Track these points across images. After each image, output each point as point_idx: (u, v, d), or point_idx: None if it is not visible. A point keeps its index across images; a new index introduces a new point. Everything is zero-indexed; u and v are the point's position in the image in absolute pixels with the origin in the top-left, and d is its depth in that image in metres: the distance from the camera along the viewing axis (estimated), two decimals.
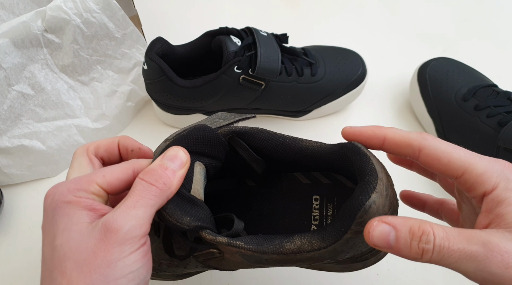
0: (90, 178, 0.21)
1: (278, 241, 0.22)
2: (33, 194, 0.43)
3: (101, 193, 0.21)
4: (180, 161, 0.22)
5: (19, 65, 0.39)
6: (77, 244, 0.19)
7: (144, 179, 0.21)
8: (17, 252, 0.39)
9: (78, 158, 0.24)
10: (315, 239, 0.21)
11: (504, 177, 0.19)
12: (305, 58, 0.45)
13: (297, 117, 0.48)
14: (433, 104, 0.46)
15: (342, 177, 0.28)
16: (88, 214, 0.20)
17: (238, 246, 0.22)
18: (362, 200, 0.20)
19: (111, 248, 0.19)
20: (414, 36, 0.59)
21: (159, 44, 0.41)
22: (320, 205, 0.28)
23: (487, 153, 0.41)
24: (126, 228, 0.19)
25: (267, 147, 0.26)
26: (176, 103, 0.43)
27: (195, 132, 0.24)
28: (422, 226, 0.19)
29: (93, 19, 0.41)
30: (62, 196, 0.20)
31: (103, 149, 0.25)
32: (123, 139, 0.26)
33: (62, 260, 0.19)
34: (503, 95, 0.42)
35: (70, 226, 0.19)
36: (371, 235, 0.19)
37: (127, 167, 0.22)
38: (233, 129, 0.26)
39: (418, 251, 0.18)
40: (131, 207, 0.20)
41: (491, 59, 0.56)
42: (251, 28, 0.42)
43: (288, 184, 0.29)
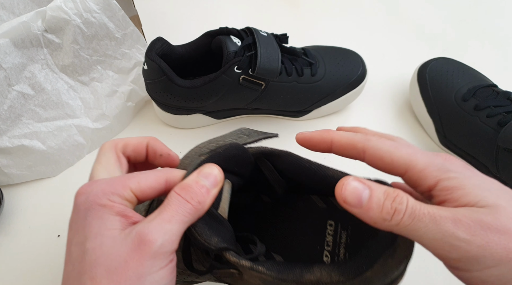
0: (125, 183, 0.21)
1: (298, 271, 0.22)
2: (33, 194, 0.43)
3: (133, 199, 0.21)
4: (215, 180, 0.22)
5: (19, 65, 0.39)
6: (109, 251, 0.19)
7: (181, 195, 0.21)
8: (17, 252, 0.39)
9: (107, 153, 0.23)
10: (334, 273, 0.21)
11: (445, 169, 0.19)
12: (305, 58, 0.45)
13: (297, 117, 0.49)
14: (433, 104, 0.46)
15: None
16: (121, 220, 0.20)
17: (260, 271, 0.22)
18: (387, 243, 0.20)
19: (143, 261, 0.18)
20: (414, 36, 0.60)
21: (159, 44, 0.41)
22: (334, 231, 0.28)
23: (487, 153, 0.41)
24: (160, 241, 0.19)
25: (292, 170, 0.26)
26: (176, 103, 0.43)
27: (230, 151, 0.24)
28: (397, 190, 0.19)
29: (93, 19, 0.41)
30: (96, 198, 0.20)
31: (132, 148, 0.25)
32: (153, 141, 0.25)
33: (93, 265, 0.18)
34: (503, 95, 0.42)
35: (104, 231, 0.19)
36: (344, 188, 0.19)
37: (160, 176, 0.22)
38: (262, 150, 0.26)
39: (389, 210, 0.18)
40: (167, 221, 0.19)
41: (491, 59, 0.56)
42: (251, 28, 0.42)
43: (304, 206, 0.29)
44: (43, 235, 0.40)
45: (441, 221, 0.17)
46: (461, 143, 0.44)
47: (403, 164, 0.20)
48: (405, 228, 0.18)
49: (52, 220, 0.41)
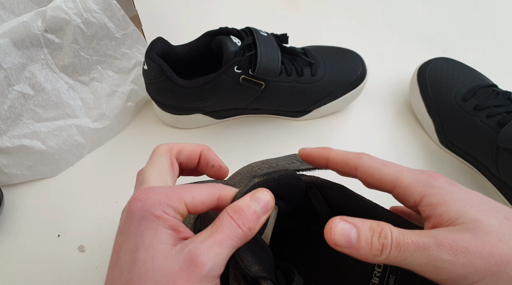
0: (181, 196, 0.21)
1: None
2: (33, 194, 0.43)
3: (185, 213, 0.21)
4: (266, 207, 0.22)
5: (19, 65, 0.39)
6: (160, 266, 0.19)
7: (234, 218, 0.21)
8: (17, 252, 0.39)
9: (161, 158, 0.23)
10: None
11: (429, 185, 0.21)
12: (305, 58, 0.45)
13: (297, 117, 0.49)
14: (433, 104, 0.46)
15: None
16: (172, 234, 0.20)
17: None
18: None
19: (192, 282, 0.18)
20: (414, 36, 0.60)
21: (159, 44, 0.41)
22: (382, 274, 0.27)
23: (487, 153, 0.41)
24: (210, 265, 0.19)
25: (344, 206, 0.25)
26: (176, 103, 0.43)
27: (285, 179, 0.24)
28: (380, 224, 0.20)
29: (93, 19, 0.41)
30: (152, 208, 0.20)
31: (185, 155, 0.25)
32: (206, 150, 0.26)
33: (142, 278, 0.18)
34: (503, 95, 0.42)
35: (156, 244, 0.19)
36: (333, 232, 0.20)
37: (214, 193, 0.22)
38: (314, 180, 0.25)
39: (378, 247, 0.19)
40: (218, 244, 0.19)
41: (491, 59, 0.56)
42: (251, 28, 0.42)
43: None
44: (43, 235, 0.40)
45: (425, 247, 0.18)
46: (461, 143, 0.44)
47: (391, 181, 0.22)
48: (394, 259, 0.19)
49: (52, 220, 0.41)
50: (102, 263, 0.38)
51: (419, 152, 0.47)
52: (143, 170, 0.23)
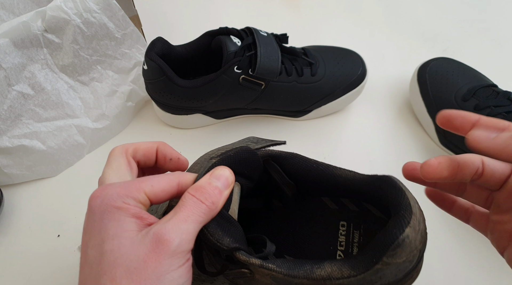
0: (139, 186, 0.21)
1: (309, 267, 0.22)
2: (33, 194, 0.43)
3: (147, 202, 0.21)
4: (226, 182, 0.23)
5: (19, 65, 0.39)
6: (128, 252, 0.19)
7: (195, 196, 0.21)
8: (17, 252, 0.39)
9: (117, 158, 0.24)
10: (345, 267, 0.22)
11: None
12: (305, 58, 0.45)
13: (297, 117, 0.49)
14: (433, 104, 0.46)
15: (370, 206, 0.28)
16: (137, 222, 0.20)
17: (270, 268, 0.22)
18: (396, 233, 0.21)
19: (162, 260, 0.19)
20: (414, 36, 0.59)
21: (159, 44, 0.41)
22: (346, 232, 0.28)
23: None
24: (178, 241, 0.19)
25: (300, 172, 0.26)
26: (176, 103, 0.43)
27: (240, 154, 0.25)
28: None
29: (93, 19, 0.41)
30: (112, 200, 0.20)
31: (142, 153, 0.25)
32: (162, 146, 0.26)
33: (112, 266, 0.19)
34: (503, 95, 0.42)
35: (121, 233, 0.19)
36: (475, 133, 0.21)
37: (173, 180, 0.22)
38: (269, 153, 0.26)
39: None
40: (183, 221, 0.20)
41: (491, 59, 0.56)
42: (251, 28, 0.42)
43: (315, 208, 0.30)
44: (43, 235, 0.40)
45: None
46: (461, 143, 0.44)
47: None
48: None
49: (52, 220, 0.41)
50: None
51: (419, 152, 0.47)
52: (101, 175, 0.24)
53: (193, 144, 0.47)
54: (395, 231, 0.21)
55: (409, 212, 0.21)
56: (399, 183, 0.23)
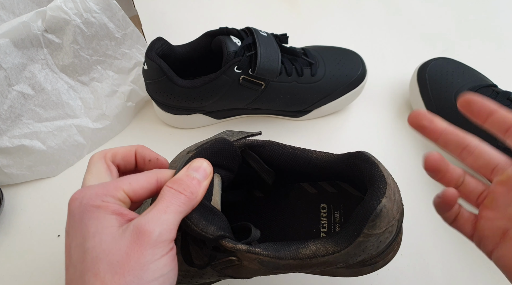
0: (117, 185, 0.21)
1: (294, 247, 0.23)
2: (33, 194, 0.43)
3: (126, 200, 0.21)
4: (204, 172, 0.23)
5: (19, 65, 0.39)
6: (109, 247, 0.19)
7: (173, 187, 0.21)
8: (17, 252, 0.39)
9: (96, 164, 0.24)
10: (329, 244, 0.23)
11: None
12: (305, 58, 0.45)
13: (297, 117, 0.49)
14: (433, 104, 0.46)
15: (347, 185, 0.29)
16: (117, 218, 0.20)
17: (257, 252, 0.23)
18: (373, 204, 0.22)
19: (143, 250, 0.19)
20: (414, 36, 0.60)
21: (159, 44, 0.41)
22: (327, 213, 0.29)
23: None
24: (158, 231, 0.19)
25: (278, 158, 0.27)
26: (176, 103, 0.43)
27: (216, 145, 0.25)
28: None
29: (93, 19, 0.41)
30: (90, 200, 0.20)
31: (120, 157, 0.25)
32: (140, 148, 0.26)
33: (95, 262, 0.19)
34: (503, 95, 0.42)
35: (101, 229, 0.19)
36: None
37: (151, 176, 0.23)
38: (246, 142, 0.27)
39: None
40: (162, 212, 0.20)
41: (491, 59, 0.56)
42: (251, 28, 0.42)
43: (296, 194, 0.30)
44: (43, 235, 0.40)
45: None
46: None
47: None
48: None
49: (52, 220, 0.41)
50: None
51: (419, 152, 0.47)
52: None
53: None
54: (372, 202, 0.22)
55: (384, 183, 0.22)
56: (371, 157, 0.24)
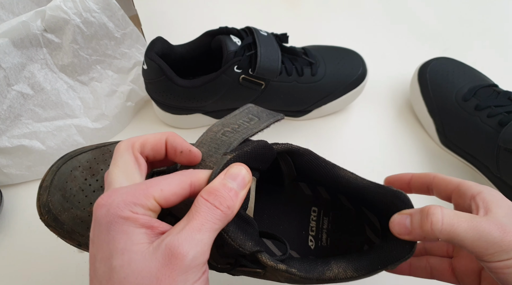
0: (148, 192, 0.19)
1: (320, 268, 0.24)
2: (33, 194, 0.43)
3: (157, 208, 0.20)
4: (243, 182, 0.21)
5: (18, 65, 0.39)
6: (139, 268, 0.18)
7: (209, 200, 0.20)
8: (17, 252, 0.39)
9: (124, 155, 0.22)
10: (349, 269, 0.24)
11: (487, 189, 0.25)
12: (305, 58, 0.45)
13: (297, 117, 0.48)
14: (433, 104, 0.46)
15: (343, 198, 0.30)
16: (147, 232, 0.19)
17: (293, 273, 0.23)
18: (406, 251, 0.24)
19: (175, 276, 0.17)
20: (414, 36, 0.59)
21: (158, 43, 0.41)
22: (317, 217, 0.30)
23: (488, 153, 0.41)
24: (192, 254, 0.18)
25: (309, 168, 0.27)
26: (176, 103, 0.43)
27: (257, 150, 0.23)
28: (427, 206, 0.23)
29: (92, 18, 0.40)
30: (118, 210, 0.18)
31: (150, 147, 0.23)
32: (172, 137, 0.23)
33: (123, 284, 0.18)
34: (504, 95, 0.42)
35: (130, 246, 0.18)
36: (392, 225, 0.24)
37: (184, 181, 0.20)
38: (289, 148, 0.26)
39: (427, 223, 0.22)
40: (197, 230, 0.18)
41: (492, 59, 0.56)
42: (251, 27, 0.42)
43: (291, 192, 0.30)
44: (43, 235, 0.40)
45: (478, 225, 0.22)
46: (461, 143, 0.44)
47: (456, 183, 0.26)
48: (448, 234, 0.22)
49: None
50: None
51: (419, 152, 0.47)
52: (107, 172, 0.22)
53: None
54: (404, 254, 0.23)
55: None
56: (411, 203, 0.25)
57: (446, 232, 0.22)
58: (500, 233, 0.21)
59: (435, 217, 0.22)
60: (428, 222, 0.22)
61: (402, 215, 0.24)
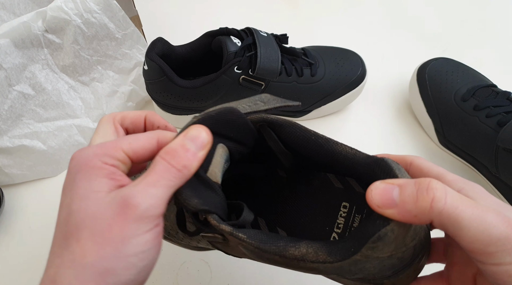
0: (116, 144, 0.21)
1: (282, 243, 0.21)
2: (33, 194, 0.43)
3: (126, 160, 0.21)
4: (201, 143, 0.21)
5: (19, 65, 0.39)
6: (94, 214, 0.19)
7: (166, 159, 0.20)
8: (17, 252, 0.39)
9: (104, 125, 0.24)
10: (322, 252, 0.20)
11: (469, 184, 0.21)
12: (305, 59, 0.45)
13: (297, 117, 0.49)
14: (432, 104, 0.46)
15: (353, 181, 0.27)
16: (108, 182, 0.20)
17: (241, 238, 0.21)
18: (378, 225, 0.19)
19: (127, 224, 0.18)
20: (413, 37, 0.60)
21: (159, 44, 0.41)
22: (347, 214, 0.26)
23: (487, 153, 0.41)
24: (145, 205, 0.19)
25: (297, 142, 0.24)
26: (176, 103, 0.43)
27: (223, 115, 0.23)
28: (428, 178, 0.19)
29: (93, 19, 0.41)
30: (87, 160, 0.20)
31: (130, 120, 0.25)
32: (151, 114, 0.25)
33: (78, 227, 0.19)
34: (502, 95, 0.42)
35: (89, 193, 0.19)
36: (372, 193, 0.19)
37: (151, 137, 0.22)
38: (264, 118, 0.24)
39: (426, 197, 0.18)
40: (152, 185, 0.19)
41: (491, 59, 0.56)
42: (251, 28, 0.42)
43: (320, 184, 0.28)
44: (43, 235, 0.40)
45: (484, 214, 0.17)
46: (460, 143, 0.44)
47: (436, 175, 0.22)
48: (448, 217, 0.18)
49: (53, 220, 0.41)
50: None
51: (418, 152, 0.47)
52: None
53: None
54: (378, 222, 0.19)
55: None
56: (394, 169, 0.20)
57: (446, 214, 0.17)
58: (507, 228, 0.17)
59: (438, 192, 0.18)
60: (428, 197, 0.18)
61: (388, 184, 0.19)
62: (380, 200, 0.19)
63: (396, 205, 0.18)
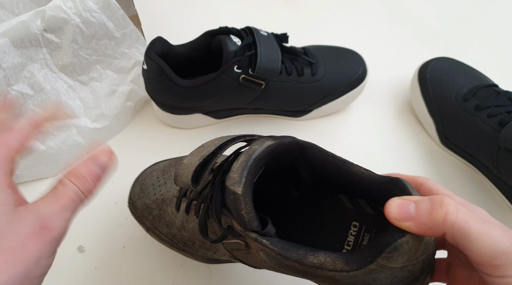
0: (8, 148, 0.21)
1: (303, 252, 0.22)
2: (32, 194, 0.43)
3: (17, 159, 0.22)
4: (107, 169, 0.23)
5: (18, 65, 0.39)
6: (4, 229, 0.18)
7: (76, 184, 0.21)
8: None
9: None
10: (339, 261, 0.22)
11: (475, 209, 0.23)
12: (305, 58, 0.44)
13: (297, 117, 0.48)
14: (433, 104, 0.46)
15: (363, 202, 0.28)
16: (12, 194, 0.20)
17: (264, 244, 0.22)
18: (395, 236, 0.21)
19: (44, 246, 0.19)
20: (414, 36, 0.59)
21: (158, 43, 0.41)
22: (357, 233, 0.28)
23: (488, 153, 0.41)
24: (61, 229, 0.20)
25: (316, 163, 0.26)
26: (176, 103, 0.43)
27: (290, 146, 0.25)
28: (441, 195, 0.20)
29: (92, 18, 0.40)
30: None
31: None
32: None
33: None
34: (504, 95, 0.42)
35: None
36: (389, 207, 0.21)
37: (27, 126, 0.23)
38: (296, 140, 0.26)
39: (441, 211, 0.20)
40: (65, 209, 0.20)
41: (492, 59, 0.56)
42: (251, 27, 0.42)
43: (331, 204, 0.29)
44: None
45: (492, 229, 0.19)
46: (461, 143, 0.44)
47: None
48: (459, 230, 0.19)
49: None
50: (102, 264, 0.38)
51: (419, 152, 0.47)
52: None
53: (193, 144, 0.47)
54: (395, 233, 0.21)
55: None
56: (409, 188, 0.22)
57: (458, 227, 0.19)
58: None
59: (451, 207, 0.20)
60: (442, 211, 0.20)
61: (404, 200, 0.21)
62: (398, 213, 0.21)
63: (412, 218, 0.20)
